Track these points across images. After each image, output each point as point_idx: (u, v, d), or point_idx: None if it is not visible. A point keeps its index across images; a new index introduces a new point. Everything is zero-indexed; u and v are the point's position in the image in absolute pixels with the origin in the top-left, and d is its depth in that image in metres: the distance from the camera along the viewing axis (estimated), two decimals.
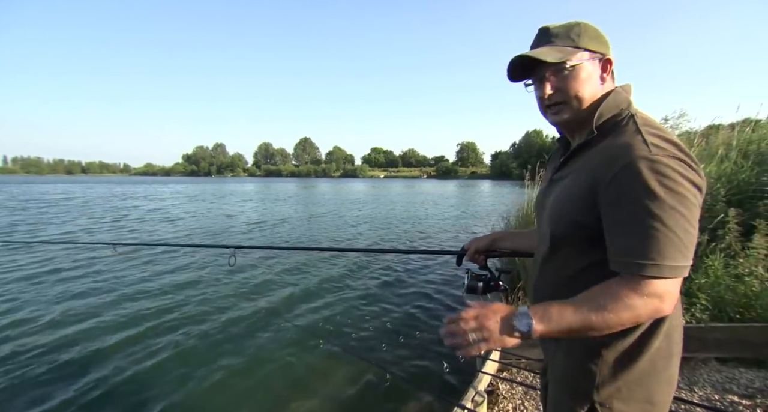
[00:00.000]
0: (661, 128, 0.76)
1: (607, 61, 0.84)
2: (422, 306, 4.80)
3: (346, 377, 3.08)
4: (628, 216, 0.70)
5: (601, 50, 0.83)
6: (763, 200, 3.22)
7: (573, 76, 0.82)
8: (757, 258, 2.72)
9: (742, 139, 4.51)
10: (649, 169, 0.68)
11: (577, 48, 0.81)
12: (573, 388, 0.84)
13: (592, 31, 0.83)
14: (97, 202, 19.88)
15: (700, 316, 2.68)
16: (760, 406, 1.94)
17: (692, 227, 0.69)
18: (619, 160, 0.72)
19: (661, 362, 0.78)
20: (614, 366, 0.78)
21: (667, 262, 0.66)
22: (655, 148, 0.70)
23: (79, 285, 5.32)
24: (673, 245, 0.66)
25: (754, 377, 2.19)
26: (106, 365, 3.22)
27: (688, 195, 0.68)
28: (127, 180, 75.27)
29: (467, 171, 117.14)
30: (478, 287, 1.15)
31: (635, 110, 0.81)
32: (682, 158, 0.70)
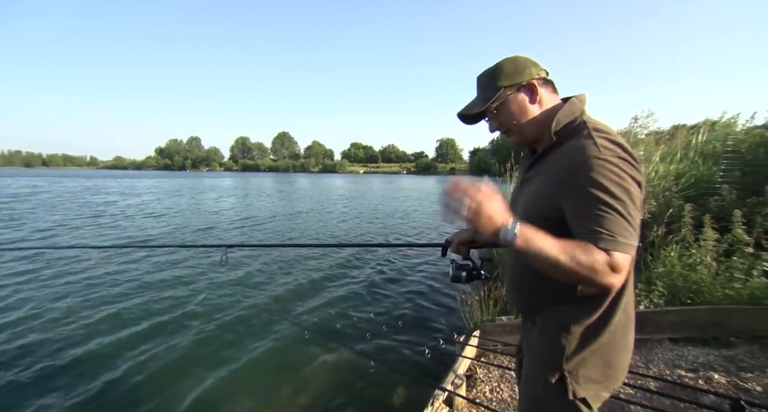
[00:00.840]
0: (609, 132, 0.88)
1: (530, 85, 0.97)
2: (405, 297, 4.98)
3: (332, 367, 3.21)
4: (585, 205, 0.82)
5: (518, 80, 0.97)
6: (713, 197, 3.52)
7: (502, 113, 0.99)
8: (706, 249, 3.01)
9: (700, 140, 4.88)
10: (600, 167, 0.81)
11: (497, 89, 0.97)
12: (545, 360, 0.96)
13: (508, 68, 0.98)
14: (67, 197, 19.01)
15: (657, 301, 2.95)
16: (702, 377, 2.20)
17: (636, 214, 0.82)
18: (575, 160, 0.85)
19: (620, 333, 0.92)
20: (581, 339, 0.90)
21: (620, 239, 0.79)
22: (603, 150, 0.83)
23: (60, 286, 5.21)
24: (623, 227, 0.79)
25: (699, 354, 2.46)
26: (94, 365, 3.23)
27: (631, 188, 0.81)
28: (96, 174, 71.68)
29: (447, 167, 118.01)
30: (462, 275, 1.24)
31: (587, 117, 0.94)
32: (625, 158, 0.83)
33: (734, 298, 2.67)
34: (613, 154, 0.82)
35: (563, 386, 0.91)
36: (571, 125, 0.93)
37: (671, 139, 5.43)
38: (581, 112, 0.95)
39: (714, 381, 2.16)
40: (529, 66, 0.98)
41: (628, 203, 0.80)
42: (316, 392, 2.92)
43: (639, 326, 0.97)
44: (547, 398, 0.96)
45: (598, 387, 0.93)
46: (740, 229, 2.92)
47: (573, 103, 0.96)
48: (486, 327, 2.92)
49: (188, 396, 2.84)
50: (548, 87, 1.00)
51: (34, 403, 2.73)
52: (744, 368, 2.26)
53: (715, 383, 2.15)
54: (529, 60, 0.99)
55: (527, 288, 1.02)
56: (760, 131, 4.40)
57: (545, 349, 0.96)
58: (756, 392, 2.04)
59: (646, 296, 2.98)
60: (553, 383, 0.93)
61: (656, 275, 3.11)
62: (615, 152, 0.83)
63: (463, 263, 1.28)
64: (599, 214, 0.80)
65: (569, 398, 0.91)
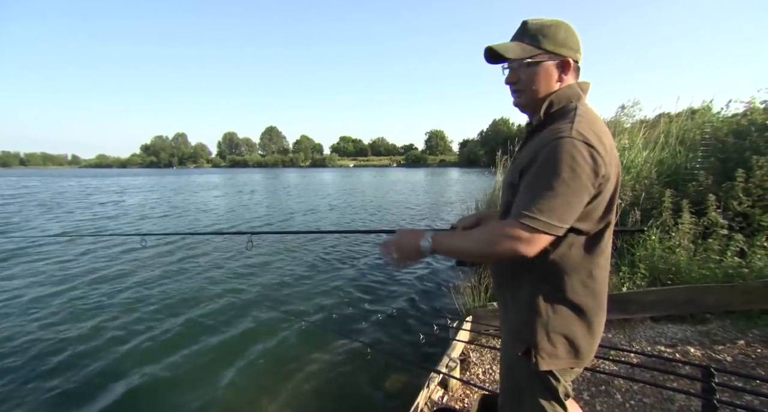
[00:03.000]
0: (594, 122, 0.89)
1: (566, 62, 0.95)
2: (400, 285, 5.09)
3: (329, 355, 3.28)
4: (531, 179, 0.86)
5: (562, 53, 0.95)
6: (691, 182, 3.68)
7: (530, 72, 0.96)
8: (684, 232, 3.16)
9: (679, 128, 5.04)
10: (561, 147, 0.82)
11: (539, 48, 0.94)
12: (515, 333, 1.02)
13: (560, 35, 0.95)
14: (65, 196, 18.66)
15: (640, 283, 3.10)
16: (679, 352, 2.36)
17: (575, 201, 0.83)
18: (546, 140, 0.87)
19: (587, 316, 0.95)
20: (546, 316, 0.94)
21: (543, 217, 0.81)
22: (575, 133, 0.83)
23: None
24: (553, 207, 0.82)
25: (677, 330, 2.62)
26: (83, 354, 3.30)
27: (582, 176, 0.81)
28: (83, 173, 70.07)
29: (436, 159, 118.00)
30: (466, 261, 1.28)
31: (582, 104, 0.94)
32: (593, 146, 0.82)
33: (710, 277, 2.83)
34: (582, 139, 0.83)
35: (529, 359, 0.95)
36: (564, 109, 0.94)
37: (653, 128, 5.59)
38: (578, 98, 0.95)
39: (690, 354, 2.32)
40: (574, 42, 0.97)
41: (571, 187, 0.82)
42: (313, 379, 3.00)
43: (623, 307, 1.04)
44: (518, 369, 1.02)
45: (562, 362, 0.95)
46: (714, 212, 3.08)
47: (571, 88, 0.96)
48: (478, 312, 3.03)
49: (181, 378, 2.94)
50: (576, 72, 1.00)
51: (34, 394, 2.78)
52: (717, 340, 2.42)
53: (691, 356, 2.30)
54: (577, 37, 0.97)
55: (500, 269, 1.07)
56: (736, 119, 4.57)
57: (515, 323, 1.01)
58: (726, 361, 2.21)
59: (630, 278, 3.13)
60: (520, 355, 0.98)
61: (638, 258, 3.26)
62: (584, 138, 0.83)
63: None
64: (532, 189, 0.85)
65: (534, 370, 0.96)
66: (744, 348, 2.31)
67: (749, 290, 2.57)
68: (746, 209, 3.18)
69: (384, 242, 1.05)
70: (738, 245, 2.88)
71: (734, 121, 4.52)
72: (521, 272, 0.98)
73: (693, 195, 3.55)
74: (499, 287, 1.11)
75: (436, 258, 6.18)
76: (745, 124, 4.29)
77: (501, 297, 1.11)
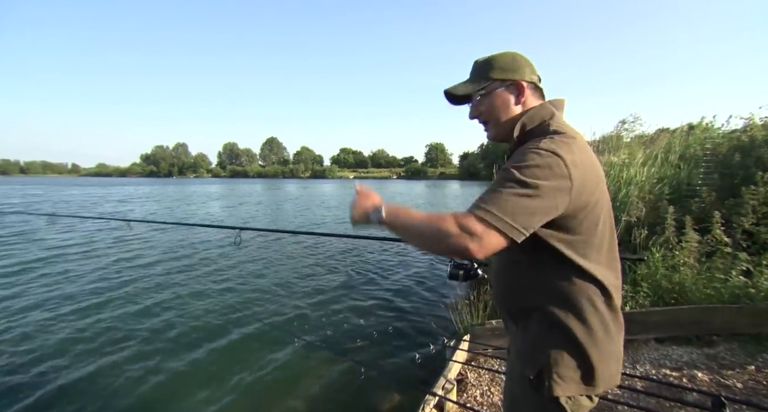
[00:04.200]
0: (567, 135, 0.87)
1: (518, 85, 0.97)
2: (396, 300, 4.99)
3: (321, 373, 3.18)
4: (497, 178, 0.85)
5: (512, 77, 0.97)
6: (694, 199, 3.63)
7: (485, 103, 1.00)
8: (689, 250, 3.08)
9: (680, 143, 5.03)
10: (526, 154, 0.83)
11: (488, 79, 0.98)
12: (525, 357, 0.96)
13: (505, 61, 0.98)
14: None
15: (643, 302, 3.01)
16: (686, 376, 2.25)
17: (538, 206, 0.79)
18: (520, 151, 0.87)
19: (604, 342, 0.91)
20: (561, 340, 0.90)
21: (497, 212, 0.78)
22: (543, 144, 0.83)
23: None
24: (509, 204, 0.78)
25: (683, 353, 2.52)
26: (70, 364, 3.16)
27: (542, 178, 0.79)
28: (85, 182, 70.20)
29: (436, 172, 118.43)
30: (459, 274, 1.25)
31: (555, 121, 0.92)
32: (562, 157, 0.81)
33: (715, 297, 2.74)
34: (547, 148, 0.82)
35: (540, 383, 0.91)
36: (538, 128, 0.93)
37: (652, 143, 5.58)
38: (551, 116, 0.94)
39: (697, 379, 2.21)
40: (524, 66, 0.99)
41: (529, 187, 0.79)
42: (304, 398, 2.89)
43: (625, 327, 0.97)
44: (525, 395, 0.97)
45: (576, 388, 0.91)
46: (719, 230, 3.01)
47: (542, 107, 0.97)
48: (476, 331, 2.94)
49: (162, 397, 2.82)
50: (537, 92, 1.02)
51: None
52: (725, 365, 2.32)
53: (699, 381, 2.20)
54: (526, 60, 1.00)
55: (512, 290, 1.03)
56: (737, 135, 4.56)
57: (526, 346, 0.97)
58: (736, 388, 2.10)
59: (633, 297, 3.03)
60: (531, 378, 0.93)
61: (641, 277, 3.17)
62: (554, 149, 0.82)
63: (460, 262, 1.28)
64: (492, 187, 0.83)
65: (546, 395, 0.91)
66: (754, 374, 2.21)
67: (757, 312, 2.48)
68: (751, 226, 3.11)
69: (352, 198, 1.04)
70: (744, 264, 2.80)
71: (735, 137, 4.51)
72: (542, 294, 0.94)
73: (695, 212, 3.49)
74: (510, 309, 1.05)
75: (432, 272, 6.09)
76: (746, 140, 4.28)
77: (512, 320, 1.06)
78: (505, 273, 1.04)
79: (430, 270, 6.29)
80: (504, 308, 1.08)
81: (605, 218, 0.91)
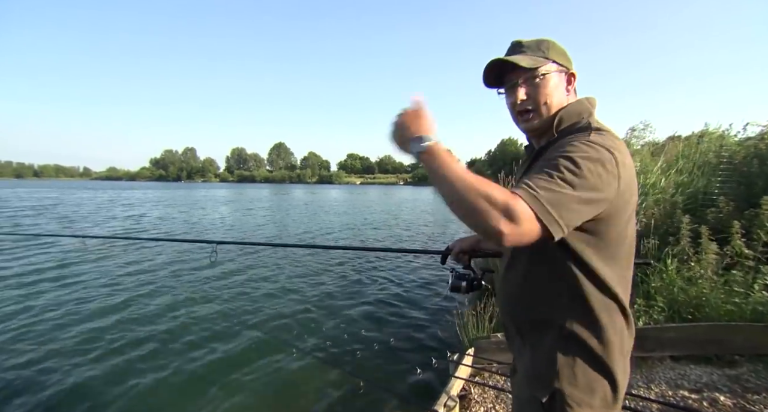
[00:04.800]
0: (612, 134, 0.83)
1: (572, 74, 0.93)
2: (398, 310, 4.86)
3: (320, 385, 3.07)
4: (543, 166, 0.75)
5: (567, 64, 0.92)
6: (710, 208, 3.47)
7: (543, 84, 0.89)
8: (707, 262, 2.92)
9: (695, 151, 4.87)
10: (579, 145, 0.76)
11: (547, 59, 0.90)
12: (537, 378, 0.88)
13: (559, 48, 0.92)
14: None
15: (657, 317, 2.85)
16: (706, 399, 2.10)
17: (583, 197, 0.71)
18: (560, 144, 0.80)
19: (619, 356, 0.85)
20: (576, 358, 0.83)
21: (543, 200, 0.68)
22: (594, 137, 0.78)
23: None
24: (557, 195, 0.69)
25: (701, 373, 2.36)
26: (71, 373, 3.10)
27: (596, 174, 0.72)
28: (97, 185, 71.39)
29: None
30: (461, 285, 1.18)
31: (594, 120, 0.87)
32: (614, 154, 0.75)
33: (736, 314, 2.59)
34: (601, 143, 0.76)
35: (553, 406, 0.84)
36: (576, 125, 0.87)
37: (664, 150, 5.43)
38: (589, 114, 0.89)
39: (719, 403, 2.05)
40: (570, 58, 0.94)
41: (581, 183, 0.71)
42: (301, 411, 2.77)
43: (639, 344, 0.91)
44: None
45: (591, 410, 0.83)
46: (740, 241, 2.85)
47: (581, 103, 0.91)
48: (481, 344, 2.81)
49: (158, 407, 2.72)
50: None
51: None
52: (749, 388, 2.16)
53: (721, 406, 2.04)
54: None
55: (525, 300, 0.93)
56: (754, 142, 4.40)
57: (537, 367, 0.89)
58: None
59: (646, 311, 2.88)
60: (543, 402, 0.85)
61: (654, 290, 3.02)
62: (607, 145, 0.76)
63: (463, 273, 1.22)
64: (541, 174, 0.73)
65: None
66: None
67: None
68: None
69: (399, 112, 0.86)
70: (766, 278, 2.64)
71: (751, 144, 4.36)
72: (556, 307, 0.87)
73: (712, 222, 3.33)
74: (519, 324, 0.96)
75: (436, 281, 5.95)
76: (764, 148, 4.12)
77: (520, 335, 0.96)
78: (517, 280, 0.94)
79: (434, 278, 6.16)
80: (512, 320, 0.99)
81: (632, 227, 0.85)
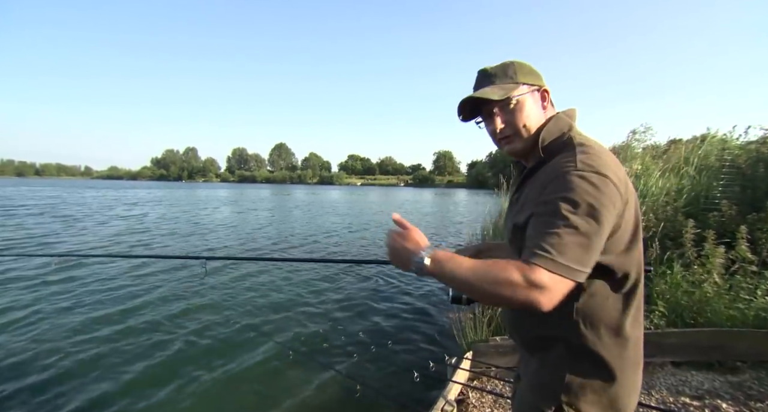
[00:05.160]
0: (595, 148, 0.83)
1: (544, 91, 0.93)
2: (395, 314, 4.80)
3: (316, 389, 3.03)
4: (545, 217, 0.76)
5: (537, 83, 0.92)
6: (712, 212, 3.43)
7: (518, 109, 0.90)
8: (712, 266, 2.88)
9: (697, 154, 4.84)
10: (570, 181, 0.75)
11: (517, 83, 0.90)
12: (543, 390, 0.87)
13: (525, 68, 0.92)
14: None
15: (658, 322, 2.82)
16: (708, 406, 2.06)
17: (596, 240, 0.73)
18: (552, 175, 0.80)
19: (629, 370, 0.83)
20: (584, 371, 0.82)
21: (562, 260, 0.70)
22: (581, 164, 0.77)
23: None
24: (573, 247, 0.71)
25: (703, 379, 2.32)
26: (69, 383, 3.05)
27: (599, 208, 0.73)
28: (99, 184, 71.35)
29: (444, 180, 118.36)
30: (462, 297, 1.16)
31: (576, 133, 0.88)
32: (605, 175, 0.75)
33: (738, 319, 2.55)
34: (591, 170, 0.76)
35: None
36: (559, 141, 0.88)
37: (666, 154, 5.40)
38: (569, 128, 0.89)
39: (721, 411, 2.02)
40: (539, 74, 0.94)
41: (589, 223, 0.72)
42: None
43: None
44: None
45: None
46: (744, 246, 2.82)
47: (559, 119, 0.91)
48: (479, 348, 2.78)
49: None
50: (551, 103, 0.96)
51: None
52: (752, 396, 2.12)
53: None
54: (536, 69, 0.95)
55: (528, 319, 0.91)
56: (756, 146, 4.37)
57: (544, 379, 0.88)
58: None
59: (647, 316, 2.85)
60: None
61: (656, 294, 2.99)
62: (594, 168, 0.76)
63: None
64: (547, 228, 0.74)
65: None
66: None
67: None
68: None
69: (387, 235, 0.87)
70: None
71: (753, 148, 4.32)
72: (563, 323, 0.85)
73: (714, 226, 3.30)
74: (525, 340, 0.95)
75: (434, 285, 5.90)
76: (766, 152, 4.09)
77: (522, 349, 0.97)
78: None
79: (432, 283, 6.11)
80: (518, 335, 0.97)
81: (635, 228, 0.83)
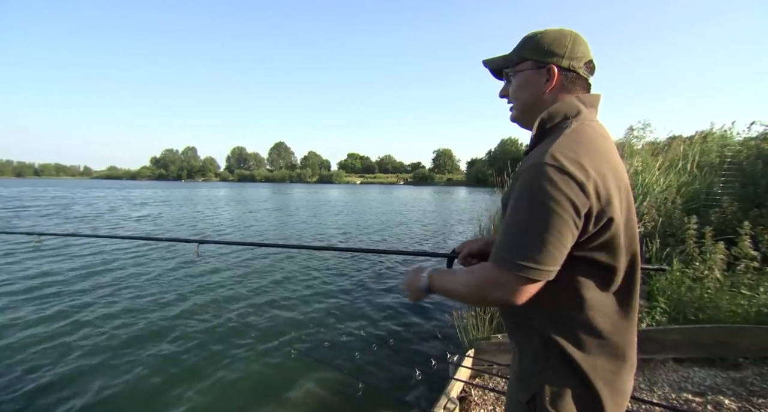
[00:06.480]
0: (583, 142, 0.76)
1: (549, 70, 0.85)
2: (398, 312, 4.80)
3: (318, 387, 3.03)
4: (507, 216, 0.78)
5: (547, 60, 0.85)
6: (713, 209, 3.43)
7: (514, 83, 0.92)
8: (714, 262, 2.87)
9: (696, 151, 4.83)
10: (533, 177, 0.73)
11: (522, 58, 0.89)
12: (521, 379, 0.89)
13: (547, 40, 0.85)
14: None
15: (660, 319, 2.82)
16: (710, 402, 2.06)
17: (555, 240, 0.71)
18: (524, 166, 0.78)
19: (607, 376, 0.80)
20: (559, 365, 0.81)
21: (516, 259, 0.73)
22: (550, 158, 0.72)
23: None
24: (522, 246, 0.73)
25: (705, 376, 2.32)
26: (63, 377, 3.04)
27: (555, 207, 0.70)
28: (99, 184, 71.28)
29: (443, 178, 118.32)
30: None
31: (578, 121, 0.81)
32: (569, 172, 0.70)
33: (740, 315, 2.55)
34: (555, 166, 0.71)
35: (533, 409, 0.83)
36: (556, 127, 0.83)
37: (666, 150, 5.39)
38: (576, 113, 0.82)
39: (724, 407, 2.02)
40: (568, 48, 0.84)
41: (548, 225, 0.71)
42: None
43: (641, 345, 0.87)
44: None
45: None
46: (746, 242, 2.81)
47: (564, 103, 0.84)
48: (481, 345, 2.78)
49: None
50: (575, 83, 0.86)
51: None
52: (755, 392, 2.12)
53: (726, 409, 2.00)
54: (576, 42, 0.85)
55: (506, 315, 0.96)
56: (757, 143, 4.36)
57: (523, 369, 0.90)
58: None
59: (648, 312, 2.85)
60: (525, 402, 0.85)
61: (657, 290, 2.99)
62: (560, 163, 0.71)
63: None
64: (506, 226, 0.78)
65: None
66: None
67: None
68: None
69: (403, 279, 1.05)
70: None
71: (754, 144, 4.32)
72: (531, 314, 0.85)
73: (715, 223, 3.30)
74: (510, 332, 0.97)
75: None
76: (766, 148, 4.08)
77: (512, 341, 0.97)
78: None
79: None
80: (504, 322, 0.99)
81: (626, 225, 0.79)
